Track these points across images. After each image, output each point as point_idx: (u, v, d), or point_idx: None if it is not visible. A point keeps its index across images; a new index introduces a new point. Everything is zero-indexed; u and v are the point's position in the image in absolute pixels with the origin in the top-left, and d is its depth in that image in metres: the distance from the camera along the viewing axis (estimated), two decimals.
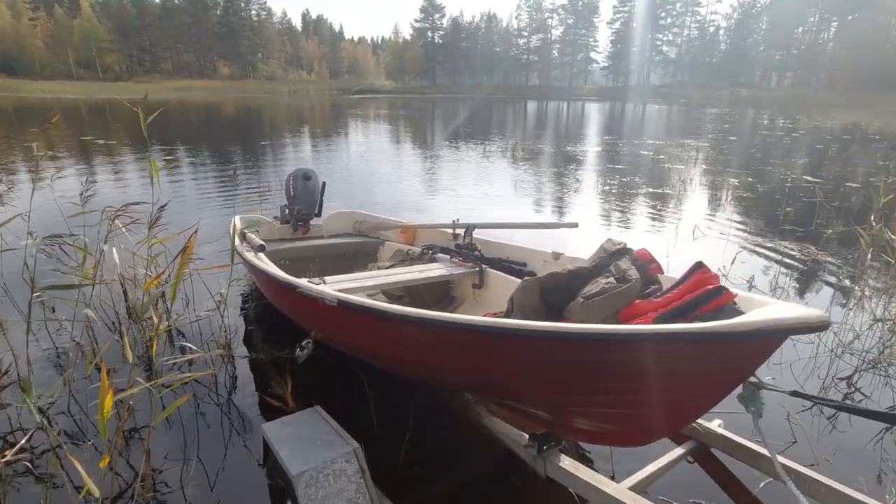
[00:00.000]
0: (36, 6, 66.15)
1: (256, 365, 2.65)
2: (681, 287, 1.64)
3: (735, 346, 1.16)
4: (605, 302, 1.69)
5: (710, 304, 1.49)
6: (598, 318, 1.69)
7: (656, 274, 1.87)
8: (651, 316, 1.57)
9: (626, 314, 1.68)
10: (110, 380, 1.36)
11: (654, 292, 1.78)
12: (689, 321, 1.45)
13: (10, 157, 9.71)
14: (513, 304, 1.98)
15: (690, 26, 75.90)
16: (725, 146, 13.75)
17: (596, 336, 1.21)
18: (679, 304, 1.55)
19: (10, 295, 3.25)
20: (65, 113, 24.06)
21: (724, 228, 5.39)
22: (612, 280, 1.77)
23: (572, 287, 1.88)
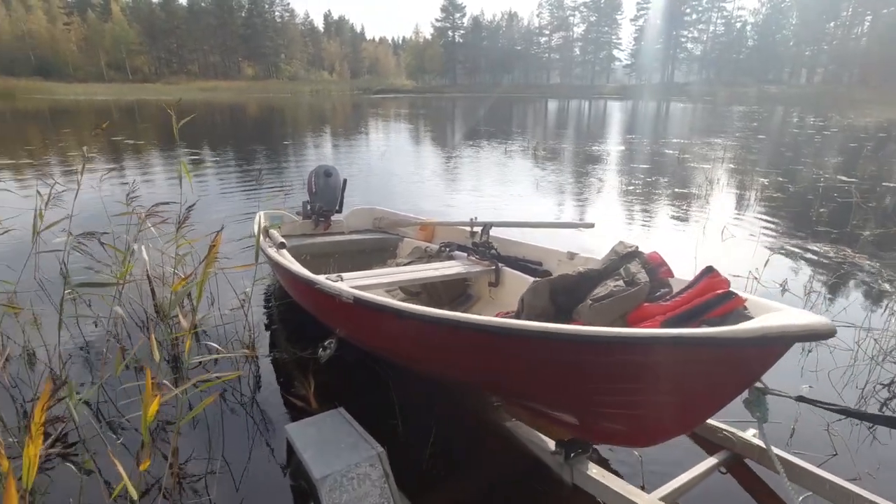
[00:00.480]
0: (70, 11, 68.26)
1: (280, 364, 2.66)
2: (690, 291, 1.65)
3: (739, 352, 1.17)
4: (613, 305, 1.70)
5: (719, 308, 1.50)
6: (605, 321, 1.70)
7: (666, 277, 1.88)
8: (658, 319, 1.58)
9: (634, 317, 1.69)
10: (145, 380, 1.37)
11: (663, 295, 1.79)
12: (696, 325, 1.47)
13: (47, 158, 10.02)
14: (523, 305, 2.00)
15: (716, 22, 74.19)
16: (754, 145, 13.39)
17: (593, 338, 1.22)
18: (687, 308, 1.57)
19: (46, 291, 3.34)
20: (96, 114, 24.79)
21: (753, 229, 5.24)
22: (621, 283, 1.78)
23: (582, 289, 1.89)
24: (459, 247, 3.35)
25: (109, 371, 2.50)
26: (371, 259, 3.95)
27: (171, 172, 8.63)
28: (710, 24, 74.51)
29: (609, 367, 1.32)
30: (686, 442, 2.07)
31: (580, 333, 1.25)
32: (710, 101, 43.49)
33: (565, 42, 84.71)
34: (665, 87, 66.85)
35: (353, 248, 3.95)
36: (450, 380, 2.13)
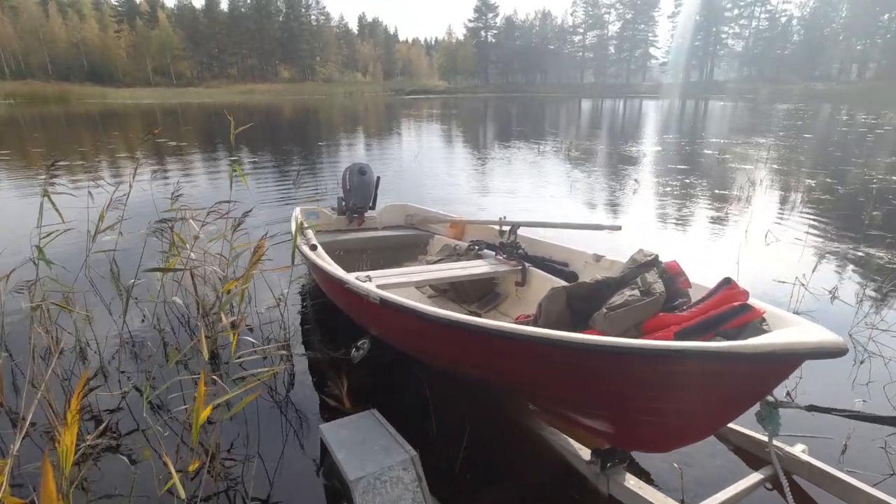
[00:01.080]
0: (120, 19, 71.55)
1: (314, 363, 2.70)
2: (707, 302, 1.66)
3: (747, 367, 1.19)
4: (627, 314, 1.71)
5: (735, 320, 1.51)
6: (619, 329, 1.70)
7: (685, 287, 1.87)
8: (673, 329, 1.58)
9: (649, 326, 1.69)
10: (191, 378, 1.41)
11: (680, 305, 1.79)
12: (711, 336, 1.49)
13: (98, 159, 10.51)
14: (540, 310, 2.02)
15: (760, 17, 71.35)
16: (799, 144, 12.82)
17: (598, 348, 1.27)
18: (703, 318, 1.57)
19: (96, 288, 3.50)
20: (142, 117, 25.88)
21: (799, 233, 5.01)
22: (637, 293, 1.78)
23: (598, 297, 1.91)
24: (488, 245, 3.39)
25: (156, 364, 2.61)
26: (402, 255, 4.05)
27: (213, 173, 8.92)
28: (752, 18, 71.72)
29: (617, 376, 1.35)
30: (729, 455, 1.99)
31: (578, 342, 1.30)
32: (752, 99, 41.91)
33: (600, 40, 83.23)
34: (704, 85, 64.83)
35: (385, 245, 4.05)
36: (476, 380, 2.14)
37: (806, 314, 3.14)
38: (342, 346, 2.69)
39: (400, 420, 1.89)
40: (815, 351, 1.14)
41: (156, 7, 75.25)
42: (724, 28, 73.46)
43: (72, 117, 25.17)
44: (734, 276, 3.65)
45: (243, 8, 78.87)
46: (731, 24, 73.42)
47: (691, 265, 4.29)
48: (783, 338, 1.19)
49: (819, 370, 2.58)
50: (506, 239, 3.20)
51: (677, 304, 1.80)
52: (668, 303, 1.78)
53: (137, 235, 3.58)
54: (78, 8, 68.42)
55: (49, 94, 41.38)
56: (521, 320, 2.45)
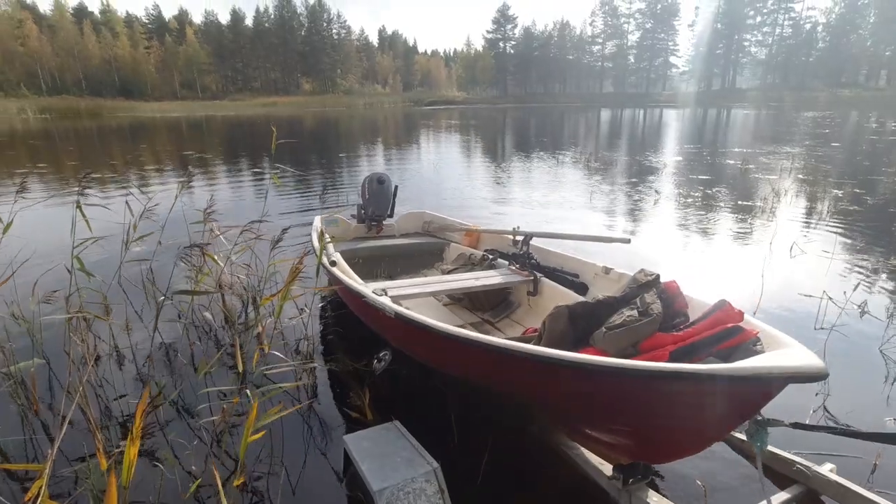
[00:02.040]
0: (150, 36, 74.11)
1: (336, 374, 2.75)
2: (702, 323, 1.73)
3: (733, 388, 1.26)
4: (625, 334, 1.78)
5: (728, 341, 1.58)
6: (617, 348, 1.77)
7: (682, 307, 1.94)
8: (669, 349, 1.64)
9: (646, 345, 1.75)
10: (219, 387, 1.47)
11: (678, 324, 1.85)
12: (704, 357, 1.57)
13: (127, 171, 10.87)
14: (544, 328, 2.10)
15: (783, 24, 70.21)
16: (825, 153, 12.54)
17: (598, 367, 1.35)
18: (697, 339, 1.64)
19: (128, 297, 3.62)
20: (169, 130, 26.65)
21: (826, 245, 4.90)
22: (635, 313, 1.86)
23: (599, 315, 2.00)
24: (502, 255, 3.48)
25: (185, 374, 2.69)
26: (419, 263, 4.19)
27: (237, 183, 9.14)
28: (776, 26, 70.62)
29: (611, 393, 1.46)
30: (755, 473, 1.96)
31: (570, 360, 1.41)
32: (776, 107, 41.16)
33: (619, 50, 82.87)
34: (726, 94, 63.89)
35: (402, 252, 4.17)
36: (490, 392, 2.18)
37: (834, 329, 3.08)
38: (364, 356, 2.74)
39: (421, 432, 1.92)
40: (797, 375, 1.22)
41: (184, 23, 77.73)
42: (746, 35, 72.47)
43: (103, 131, 26.06)
44: (758, 290, 3.62)
45: (267, 23, 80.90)
46: (754, 32, 72.41)
47: (714, 278, 4.24)
48: (767, 362, 1.28)
49: (850, 387, 2.53)
50: (519, 249, 3.28)
51: (675, 324, 1.87)
52: (667, 322, 1.86)
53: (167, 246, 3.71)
54: (111, 26, 71.08)
55: (82, 109, 42.94)
56: (528, 334, 2.53)
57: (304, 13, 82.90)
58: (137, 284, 3.84)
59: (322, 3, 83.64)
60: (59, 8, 67.59)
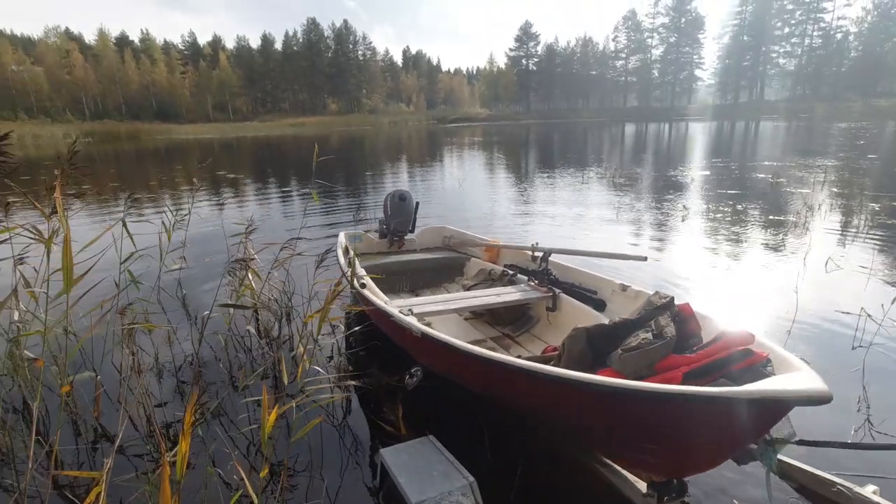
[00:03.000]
0: (186, 62, 77.56)
1: (370, 389, 2.81)
2: (715, 345, 1.80)
3: (741, 410, 1.32)
4: (641, 356, 1.84)
5: (740, 363, 1.65)
6: (633, 369, 1.83)
7: (695, 329, 2.02)
8: (683, 370, 1.71)
9: (661, 366, 1.81)
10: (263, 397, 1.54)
11: (691, 346, 1.92)
12: (716, 378, 1.64)
13: (163, 191, 11.34)
14: (564, 349, 2.18)
15: (812, 35, 68.79)
16: (861, 165, 12.19)
17: (615, 390, 1.44)
18: (710, 361, 1.71)
19: (164, 309, 3.79)
20: (202, 150, 27.64)
21: (864, 260, 4.77)
22: (650, 336, 1.93)
23: (616, 337, 2.07)
24: (521, 270, 3.57)
25: (225, 386, 2.80)
26: (440, 277, 4.30)
27: (265, 201, 9.43)
28: (804, 36, 69.28)
29: (625, 413, 1.55)
30: (794, 495, 1.93)
31: (587, 381, 1.50)
32: (807, 118, 40.19)
33: (643, 64, 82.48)
34: (754, 106, 62.73)
35: (424, 267, 4.29)
36: (520, 410, 2.23)
37: (874, 347, 3.00)
38: (395, 372, 2.80)
39: (455, 446, 1.96)
40: (802, 399, 1.29)
41: (217, 49, 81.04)
42: (773, 47, 71.25)
43: (141, 153, 27.21)
44: (792, 306, 3.56)
45: (296, 46, 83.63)
46: (782, 43, 71.14)
47: (746, 294, 4.18)
48: (774, 385, 1.34)
49: (891, 406, 2.46)
50: (538, 265, 3.34)
51: (689, 345, 1.93)
52: (680, 343, 1.92)
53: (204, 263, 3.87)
54: (150, 53, 74.74)
55: (122, 133, 44.99)
56: (548, 352, 2.59)
57: (331, 36, 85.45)
58: (176, 298, 4.02)
59: (348, 26, 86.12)
60: (103, 38, 71.51)
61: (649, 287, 2.71)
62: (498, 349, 3.07)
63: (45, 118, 54.75)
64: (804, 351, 3.06)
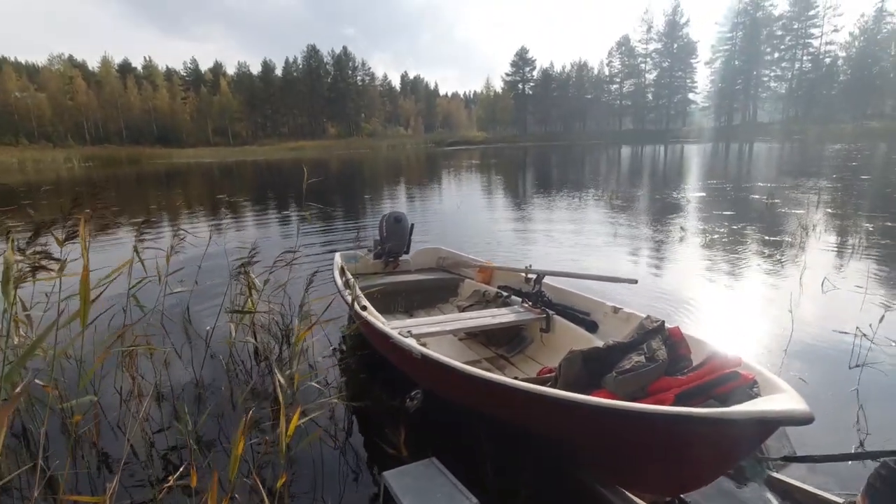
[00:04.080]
0: (187, 87, 78.86)
1: (370, 411, 2.82)
2: (703, 368, 1.87)
3: (732, 430, 1.38)
4: (634, 379, 1.92)
5: (726, 385, 1.73)
6: (627, 391, 1.89)
7: (685, 353, 2.09)
8: (674, 392, 1.78)
9: (653, 388, 1.88)
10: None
11: (681, 368, 1.98)
12: (704, 400, 1.71)
13: (164, 214, 11.41)
14: (560, 370, 2.24)
15: (802, 59, 70.36)
16: (854, 186, 12.36)
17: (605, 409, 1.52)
18: (700, 383, 1.78)
19: (167, 331, 3.80)
20: (202, 175, 27.88)
21: (859, 280, 4.81)
22: (643, 358, 2.00)
23: (610, 359, 2.15)
24: (514, 292, 3.61)
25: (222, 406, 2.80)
26: (435, 298, 4.35)
27: (264, 224, 9.50)
28: (794, 61, 70.82)
29: (625, 433, 1.61)
30: None
31: (583, 402, 1.58)
32: (800, 140, 40.79)
33: (637, 88, 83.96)
34: (748, 128, 63.71)
35: (418, 288, 4.34)
36: (520, 432, 2.26)
37: (870, 366, 3.03)
38: (395, 393, 2.81)
39: (458, 469, 1.97)
40: (785, 419, 1.36)
41: (218, 75, 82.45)
42: (764, 71, 72.74)
43: (142, 176, 27.44)
44: (787, 326, 3.59)
45: (296, 72, 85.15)
46: (773, 67, 72.65)
47: (743, 314, 4.21)
48: (760, 406, 1.41)
49: (887, 425, 2.48)
50: (532, 287, 3.40)
51: (679, 367, 2.00)
52: (672, 366, 1.99)
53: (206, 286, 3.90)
54: (152, 79, 76.00)
55: (123, 157, 45.36)
56: (543, 373, 2.64)
57: (331, 62, 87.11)
58: (178, 321, 4.03)
59: (348, 53, 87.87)
60: (106, 64, 72.80)
61: (643, 309, 2.76)
62: (493, 370, 3.09)
63: (47, 143, 55.31)
64: (802, 370, 3.08)
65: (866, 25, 64.26)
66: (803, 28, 69.19)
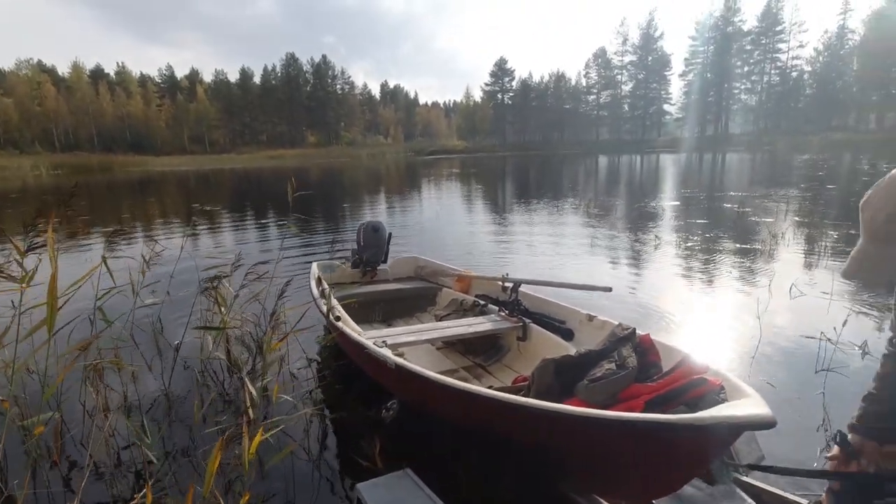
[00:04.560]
0: (163, 94, 77.53)
1: (345, 422, 2.78)
2: (672, 374, 1.90)
3: (700, 435, 1.40)
4: (605, 387, 1.95)
5: (694, 391, 1.76)
6: (598, 399, 1.93)
7: (655, 360, 2.12)
8: (644, 399, 1.82)
9: (624, 395, 1.93)
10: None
11: (651, 375, 2.02)
12: (674, 405, 1.74)
13: (138, 223, 11.14)
14: (533, 379, 2.27)
15: (770, 73, 73.01)
16: (821, 195, 12.80)
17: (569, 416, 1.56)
18: (668, 389, 1.82)
19: (136, 343, 3.70)
20: (177, 183, 27.36)
21: (826, 286, 4.96)
22: (613, 366, 2.03)
23: (582, 367, 2.18)
24: (492, 301, 3.63)
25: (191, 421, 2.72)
26: (412, 307, 4.33)
27: (243, 233, 9.35)
28: (763, 74, 73.42)
29: (595, 441, 1.62)
30: None
31: (555, 410, 1.60)
32: (770, 151, 42.13)
33: (614, 99, 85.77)
34: (720, 139, 65.59)
35: (396, 297, 4.32)
36: (493, 441, 2.26)
37: (835, 371, 3.12)
38: (371, 404, 2.78)
39: (432, 480, 1.95)
40: (750, 424, 1.39)
41: (195, 82, 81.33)
42: (735, 84, 75.18)
43: (114, 184, 26.79)
44: (757, 332, 3.68)
45: (274, 80, 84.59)
46: (743, 80, 75.15)
47: (714, 321, 4.29)
48: (725, 411, 1.44)
49: None
50: (508, 296, 3.42)
51: (650, 374, 2.04)
52: (642, 373, 2.03)
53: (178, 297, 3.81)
54: (125, 86, 74.47)
55: (94, 164, 44.27)
56: (518, 381, 2.64)
57: (310, 70, 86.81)
58: (147, 331, 3.92)
59: (327, 61, 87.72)
60: (77, 70, 71.09)
61: (617, 317, 2.80)
62: (470, 379, 3.09)
63: (13, 150, 53.61)
64: (770, 375, 3.15)
65: (830, 42, 67.11)
66: (771, 43, 71.88)
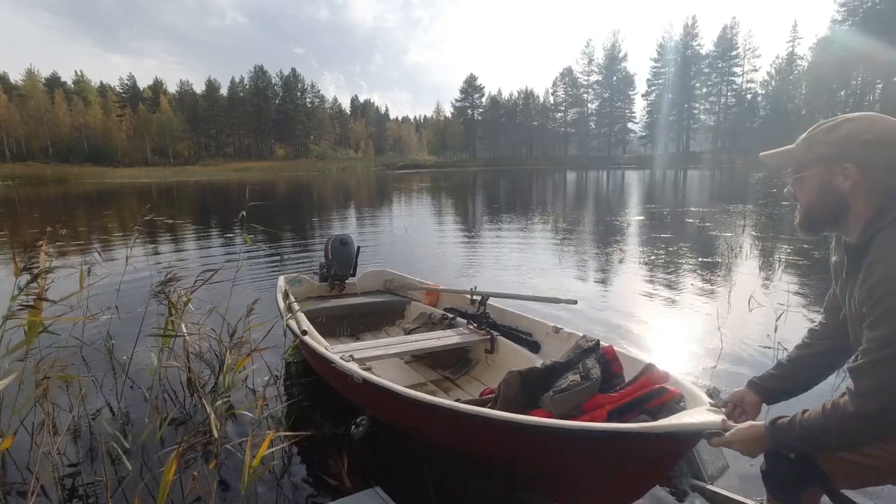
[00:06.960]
0: (123, 105, 75.19)
1: (312, 441, 2.69)
2: (634, 384, 1.95)
3: (660, 442, 1.43)
4: (569, 398, 1.99)
5: (656, 400, 1.80)
6: (563, 410, 1.96)
7: (618, 371, 2.17)
8: (607, 409, 1.85)
9: (588, 405, 1.95)
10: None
11: (614, 386, 2.06)
12: (636, 415, 1.78)
13: (91, 236, 10.68)
14: (500, 391, 2.28)
15: (727, 94, 76.77)
16: (775, 211, 13.41)
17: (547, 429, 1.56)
18: (630, 399, 1.86)
19: (86, 362, 3.51)
20: (138, 196, 26.46)
21: (781, 297, 5.17)
22: (578, 377, 2.08)
23: (548, 379, 2.22)
24: (461, 314, 3.64)
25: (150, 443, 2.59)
26: (381, 320, 4.31)
27: (203, 247, 9.09)
28: (720, 96, 77.10)
29: (559, 452, 1.63)
30: None
31: (521, 422, 1.60)
32: (728, 169, 44.02)
33: (580, 117, 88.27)
34: (681, 156, 68.19)
35: (365, 311, 4.27)
36: (463, 455, 2.25)
37: None
38: (340, 421, 2.71)
39: (402, 498, 1.90)
40: (703, 430, 1.43)
41: (158, 92, 79.30)
42: (695, 104, 78.65)
43: (69, 197, 25.69)
44: (717, 343, 3.78)
45: (242, 92, 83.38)
46: (702, 101, 78.71)
47: (676, 331, 4.39)
48: (682, 419, 1.48)
49: None
50: (476, 309, 3.43)
51: (613, 385, 2.08)
52: (605, 383, 2.07)
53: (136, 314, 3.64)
54: (84, 95, 71.90)
55: (48, 176, 42.47)
56: (486, 394, 2.63)
57: (279, 83, 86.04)
58: (100, 350, 3.73)
59: (296, 74, 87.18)
60: (32, 78, 68.30)
61: (582, 329, 2.85)
62: (438, 392, 3.07)
63: None
64: (730, 384, 3.22)
65: (781, 66, 71.12)
66: (727, 66, 75.72)
